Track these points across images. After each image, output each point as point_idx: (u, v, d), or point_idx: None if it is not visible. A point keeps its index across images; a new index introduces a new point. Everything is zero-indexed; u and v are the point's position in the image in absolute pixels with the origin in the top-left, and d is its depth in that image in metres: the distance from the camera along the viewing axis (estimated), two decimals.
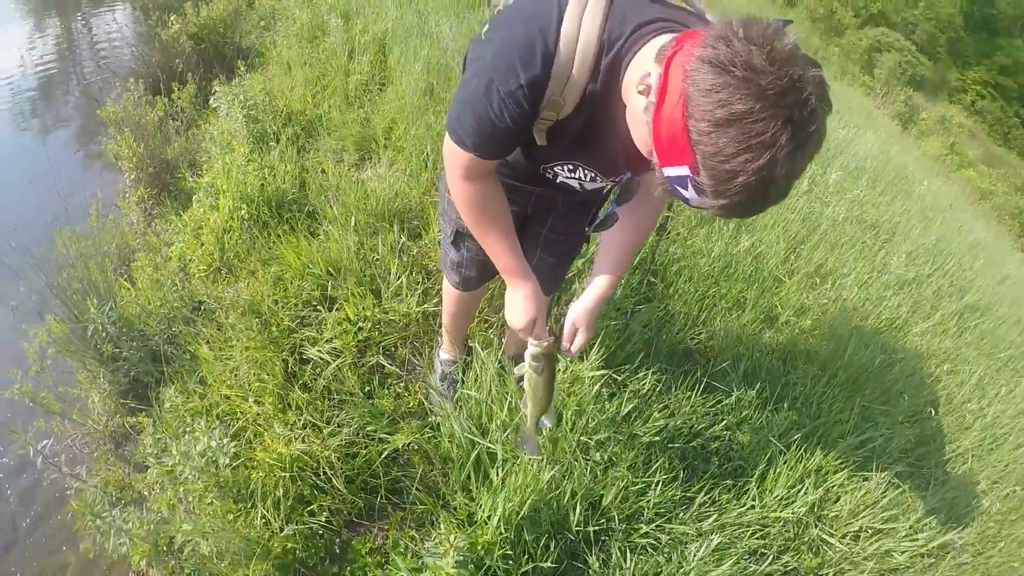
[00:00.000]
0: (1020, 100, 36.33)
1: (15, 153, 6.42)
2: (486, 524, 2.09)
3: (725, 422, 2.69)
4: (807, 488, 2.55)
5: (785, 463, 2.60)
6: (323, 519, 2.26)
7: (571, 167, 1.57)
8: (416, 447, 2.41)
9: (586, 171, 1.57)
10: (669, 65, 1.02)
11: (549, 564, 2.08)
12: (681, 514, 2.35)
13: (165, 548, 2.25)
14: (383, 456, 2.38)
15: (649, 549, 2.22)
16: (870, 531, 2.59)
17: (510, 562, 2.05)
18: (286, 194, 3.66)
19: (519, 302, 1.65)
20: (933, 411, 3.34)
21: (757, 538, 2.37)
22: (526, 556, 2.09)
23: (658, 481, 2.35)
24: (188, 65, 6.08)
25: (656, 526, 2.27)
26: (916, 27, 35.84)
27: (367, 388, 2.66)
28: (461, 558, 1.86)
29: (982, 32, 37.89)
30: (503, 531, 2.05)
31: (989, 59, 36.92)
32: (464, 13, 6.22)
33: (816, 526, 2.55)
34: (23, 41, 10.83)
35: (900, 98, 21.20)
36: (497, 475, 2.18)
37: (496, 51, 1.30)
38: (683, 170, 1.01)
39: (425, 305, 2.94)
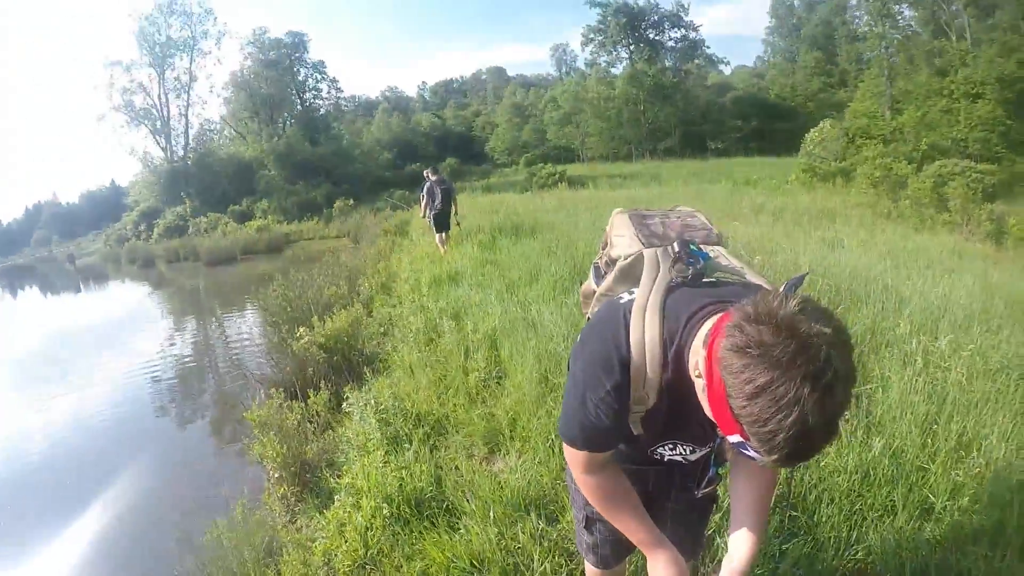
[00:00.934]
0: None
1: (160, 442, 7.05)
2: None
3: None
4: None
5: None
6: None
7: (671, 445, 1.74)
8: None
9: (684, 446, 1.74)
10: (710, 352, 1.24)
11: None
12: None
13: None
14: None
15: None
16: None
17: None
18: (424, 492, 3.91)
19: (661, 570, 1.73)
20: None
21: None
22: None
23: None
24: (319, 372, 6.67)
25: None
26: (966, 141, 35.55)
27: None
28: None
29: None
30: None
31: None
32: (560, 298, 6.78)
33: None
34: (164, 337, 12.08)
35: (983, 218, 20.41)
36: None
37: (584, 366, 1.59)
38: (738, 437, 1.21)
39: None
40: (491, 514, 3.46)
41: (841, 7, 57.58)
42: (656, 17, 55.07)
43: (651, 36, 55.12)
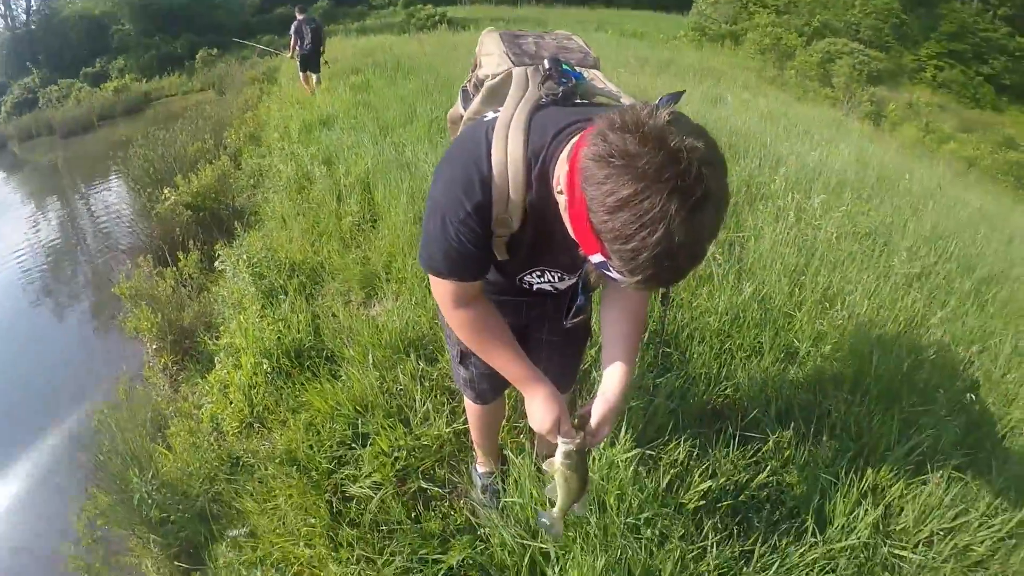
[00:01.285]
0: (977, 58, 36.58)
1: (35, 331, 6.68)
2: None
3: (769, 467, 2.70)
4: (866, 509, 2.55)
5: (838, 491, 2.62)
6: None
7: (539, 273, 1.71)
8: (471, 562, 2.46)
9: (552, 273, 1.71)
10: (572, 164, 1.15)
11: None
12: (744, 568, 2.36)
13: None
14: None
15: None
16: (942, 532, 2.57)
17: None
18: (303, 343, 3.84)
19: (539, 407, 1.69)
20: (973, 396, 3.28)
21: (827, 573, 2.37)
22: None
23: (713, 543, 2.37)
24: (188, 233, 6.36)
25: None
26: (859, 26, 36.64)
27: (413, 514, 2.73)
28: None
29: (920, 8, 38.22)
30: None
31: (935, 31, 37.22)
32: (436, 139, 6.57)
33: (885, 544, 2.52)
34: (28, 223, 11.29)
35: (864, 98, 21.55)
36: (554, 572, 2.25)
37: (443, 188, 1.49)
38: (599, 256, 1.13)
39: (455, 424, 3.05)
40: (371, 359, 3.44)
41: None
42: None
43: None
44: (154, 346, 4.67)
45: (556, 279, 1.74)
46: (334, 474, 2.93)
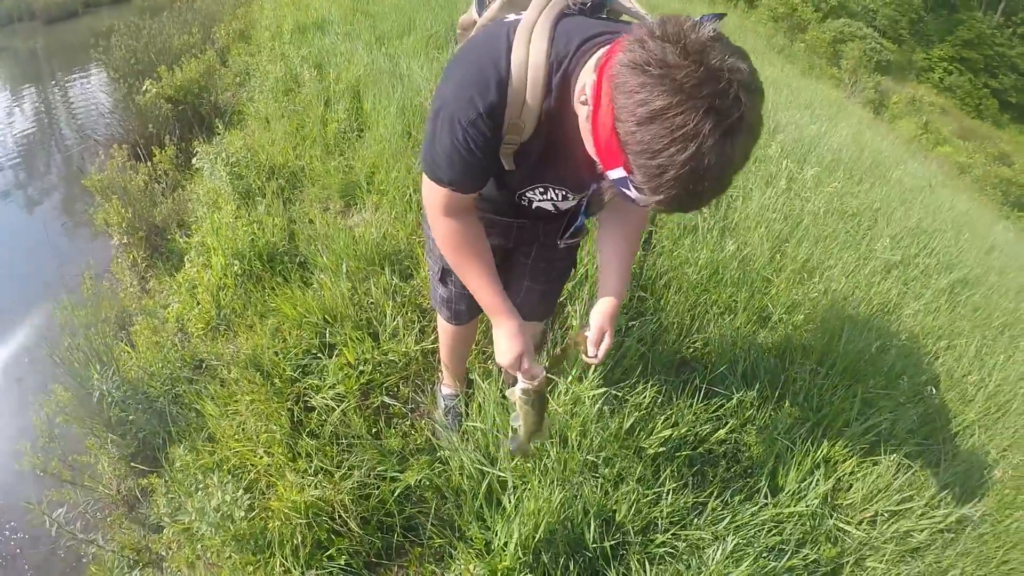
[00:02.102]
0: (987, 71, 37.20)
1: (2, 223, 6.49)
2: (503, 551, 2.12)
3: (729, 425, 2.71)
4: (818, 480, 2.58)
5: (793, 458, 2.64)
6: (343, 562, 2.28)
7: (542, 189, 1.62)
8: (428, 483, 2.44)
9: (556, 190, 1.62)
10: (601, 74, 1.07)
11: None
12: (696, 520, 2.37)
13: None
14: (396, 495, 2.41)
15: (667, 558, 2.25)
16: (886, 514, 2.62)
17: None
18: (276, 247, 3.73)
19: (504, 340, 1.67)
20: (934, 389, 3.37)
21: (774, 535, 2.39)
22: None
23: (669, 490, 2.38)
24: (166, 128, 6.16)
25: (672, 534, 2.30)
26: (876, 13, 37.09)
27: (374, 430, 2.69)
28: None
29: (941, 9, 38.91)
30: (521, 556, 2.09)
31: (951, 35, 37.76)
32: (433, 53, 6.35)
33: (831, 516, 2.57)
34: (1, 111, 10.92)
35: (869, 85, 21.54)
36: (510, 502, 2.21)
37: (455, 87, 1.36)
38: (620, 171, 1.07)
39: (423, 343, 2.99)
40: (344, 268, 3.34)
41: None
42: None
43: None
44: (123, 240, 4.52)
45: (559, 197, 1.64)
46: (297, 383, 2.88)
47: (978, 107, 35.56)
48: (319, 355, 2.96)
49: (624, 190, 1.11)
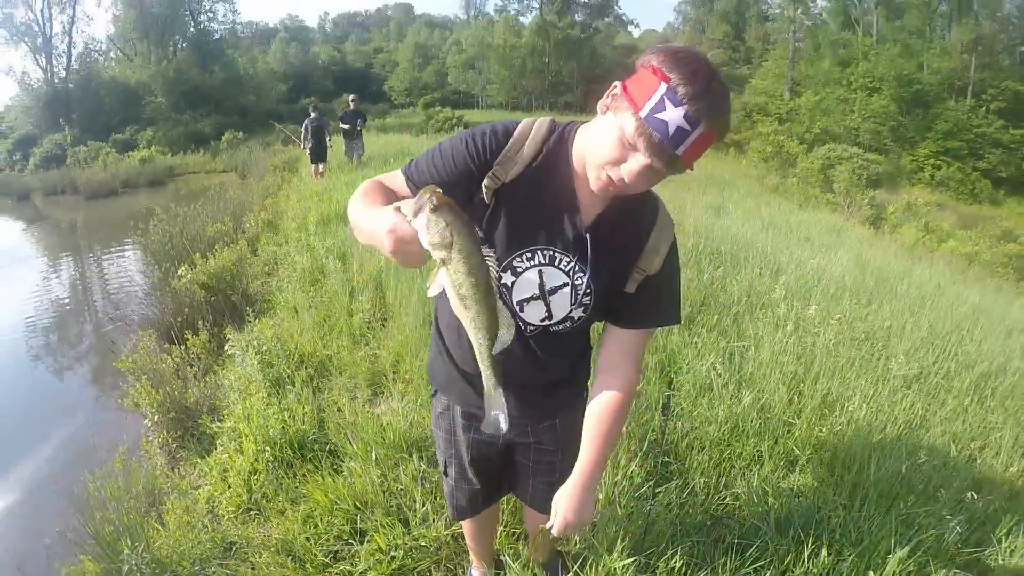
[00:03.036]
0: (973, 154, 38.33)
1: (37, 390, 6.73)
2: None
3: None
4: None
5: None
6: None
7: (529, 254, 1.64)
8: None
9: (544, 252, 1.64)
10: (624, 83, 1.43)
11: None
12: None
13: None
14: None
15: None
16: None
17: None
18: (307, 434, 3.92)
19: (379, 222, 1.37)
20: (974, 494, 3.28)
21: None
22: None
23: None
24: (199, 313, 6.50)
25: None
26: (858, 130, 39.41)
27: None
28: None
29: (917, 109, 40.56)
30: None
31: (931, 131, 39.34)
32: None
33: None
34: (40, 277, 11.39)
35: (864, 202, 21.96)
36: None
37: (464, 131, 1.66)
38: (659, 89, 1.34)
39: (453, 527, 3.09)
40: (373, 456, 3.52)
41: None
42: None
43: None
44: (155, 420, 4.74)
45: (547, 260, 1.65)
46: (329, 568, 2.97)
47: (973, 192, 36.57)
48: (350, 540, 3.07)
49: (658, 117, 1.35)
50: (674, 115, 1.33)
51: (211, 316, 6.56)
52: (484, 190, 1.60)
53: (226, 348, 5.22)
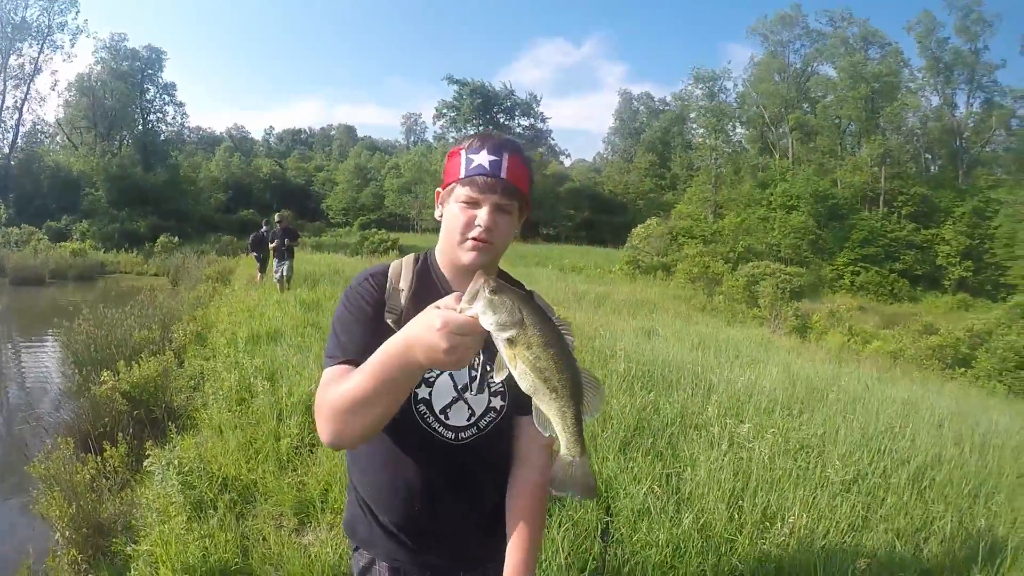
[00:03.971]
0: (888, 257, 41.66)
1: None
2: None
3: None
4: None
5: None
6: None
7: (431, 379, 1.75)
8: None
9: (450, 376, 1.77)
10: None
11: None
12: None
13: None
14: None
15: None
16: None
17: None
18: (229, 564, 3.81)
19: (420, 324, 1.38)
20: None
21: None
22: None
23: None
24: (119, 423, 6.31)
25: None
26: (779, 246, 42.56)
27: None
28: None
29: (832, 222, 43.98)
30: None
31: (848, 240, 42.70)
32: None
33: None
34: None
35: (789, 314, 22.68)
36: None
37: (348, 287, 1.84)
38: (460, 156, 1.71)
39: None
40: None
41: (680, 118, 65.91)
42: (509, 104, 59.97)
43: (501, 120, 59.34)
44: (65, 535, 4.52)
45: (454, 379, 1.77)
46: None
47: (892, 292, 39.77)
48: None
49: (472, 166, 1.68)
50: (481, 157, 1.68)
51: (132, 428, 6.34)
52: (392, 325, 1.70)
53: (145, 464, 5.05)
